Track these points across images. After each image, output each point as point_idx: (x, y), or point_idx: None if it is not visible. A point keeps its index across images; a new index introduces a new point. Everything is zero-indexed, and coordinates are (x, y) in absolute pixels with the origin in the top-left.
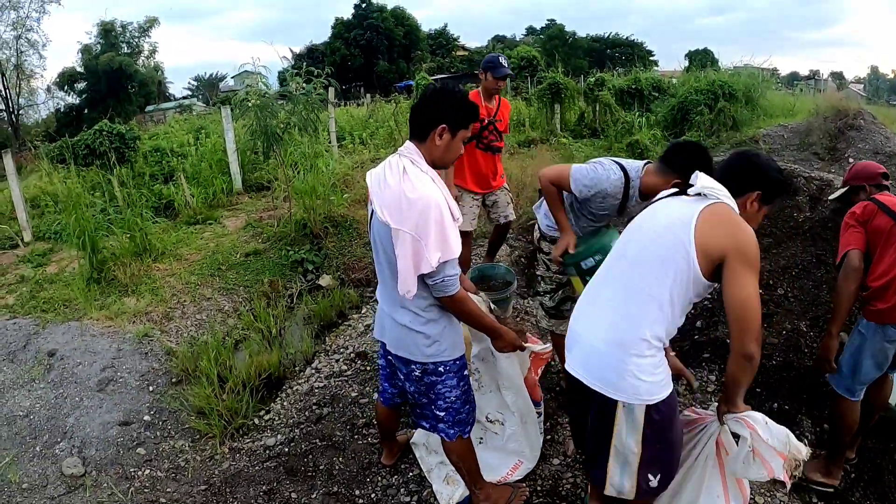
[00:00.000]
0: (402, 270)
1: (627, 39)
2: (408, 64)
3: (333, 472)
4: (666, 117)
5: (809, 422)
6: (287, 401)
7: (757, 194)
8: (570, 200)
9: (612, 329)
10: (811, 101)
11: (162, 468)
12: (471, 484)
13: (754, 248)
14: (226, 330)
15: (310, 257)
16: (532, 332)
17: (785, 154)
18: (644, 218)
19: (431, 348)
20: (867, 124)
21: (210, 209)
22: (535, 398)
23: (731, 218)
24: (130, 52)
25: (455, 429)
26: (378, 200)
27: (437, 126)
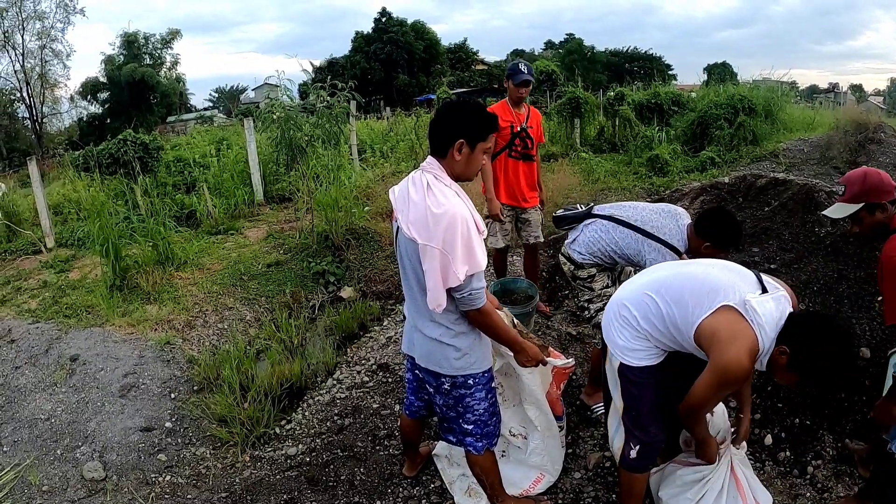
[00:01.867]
0: (431, 285)
1: (646, 53)
2: (427, 77)
3: (355, 482)
4: (685, 132)
5: (831, 437)
6: (308, 411)
7: (460, 143)
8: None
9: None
10: (831, 115)
11: (183, 475)
12: (493, 497)
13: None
14: (247, 339)
15: (331, 269)
16: (554, 346)
17: (805, 169)
18: (706, 269)
19: (461, 361)
20: (888, 137)
21: (232, 220)
22: (557, 413)
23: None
24: (153, 63)
25: (483, 441)
26: (403, 217)
27: (456, 141)
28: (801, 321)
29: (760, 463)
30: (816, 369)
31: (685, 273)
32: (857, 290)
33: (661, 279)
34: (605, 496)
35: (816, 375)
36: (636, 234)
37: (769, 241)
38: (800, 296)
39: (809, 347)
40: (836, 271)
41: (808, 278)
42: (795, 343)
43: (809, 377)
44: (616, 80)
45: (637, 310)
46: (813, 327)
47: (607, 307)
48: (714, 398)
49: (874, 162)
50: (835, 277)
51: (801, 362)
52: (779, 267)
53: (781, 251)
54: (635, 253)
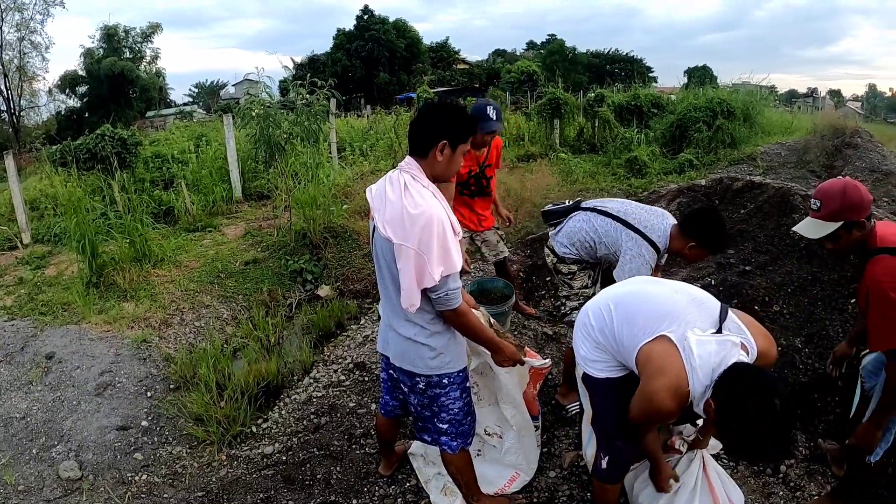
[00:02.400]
0: (405, 285)
1: (627, 55)
2: (409, 76)
3: (331, 481)
4: (664, 134)
5: (803, 437)
6: (285, 409)
7: (443, 143)
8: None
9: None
10: (809, 119)
11: (159, 474)
12: (468, 495)
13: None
14: (224, 338)
15: (309, 267)
16: (530, 346)
17: (782, 172)
18: (670, 293)
19: (436, 360)
20: (864, 142)
21: (210, 216)
22: (533, 412)
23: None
24: (132, 57)
25: (458, 441)
26: (380, 216)
27: (439, 142)
28: (736, 376)
29: (734, 462)
30: (733, 434)
31: (648, 293)
32: (830, 293)
33: (623, 294)
34: (580, 495)
35: (731, 440)
36: (616, 223)
37: (745, 244)
38: (774, 297)
39: (732, 409)
40: (810, 273)
41: (783, 280)
42: (721, 398)
43: (725, 438)
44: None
45: (596, 321)
46: (744, 387)
47: (579, 313)
48: (644, 423)
49: (850, 166)
50: (809, 280)
51: (722, 420)
52: (753, 269)
53: (756, 253)
54: (613, 241)
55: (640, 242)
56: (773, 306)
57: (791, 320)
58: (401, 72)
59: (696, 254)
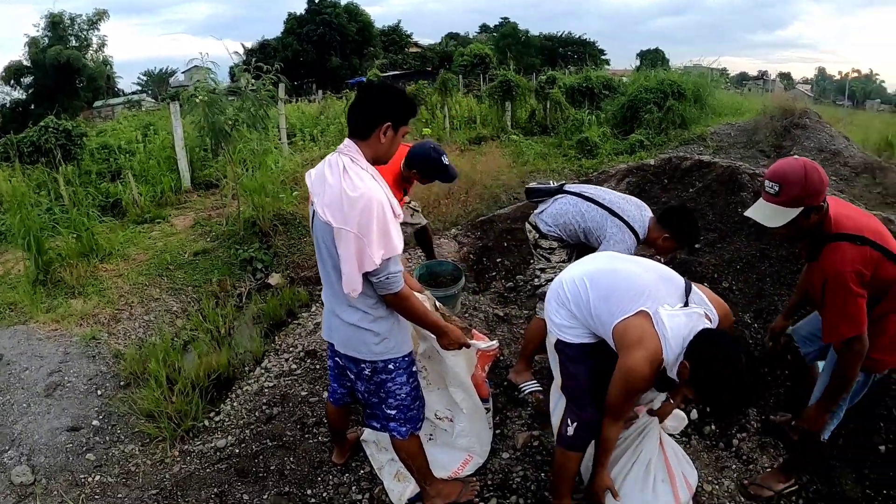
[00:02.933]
0: (346, 270)
1: (580, 38)
2: (360, 60)
3: (285, 472)
4: (615, 115)
5: (755, 411)
6: (237, 401)
7: (387, 125)
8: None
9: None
10: (759, 101)
11: (112, 473)
12: (421, 481)
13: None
14: (174, 331)
15: (259, 256)
16: (481, 328)
17: (732, 152)
18: (642, 271)
19: (380, 346)
20: (812, 123)
21: (158, 208)
22: (483, 395)
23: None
24: (79, 45)
25: (407, 426)
26: (319, 200)
27: (383, 124)
28: (706, 340)
29: (686, 437)
30: (709, 388)
31: (621, 270)
32: (778, 269)
33: (598, 270)
34: (534, 475)
35: (708, 394)
36: (602, 210)
37: None
38: (723, 274)
39: (706, 367)
40: (758, 250)
41: (732, 257)
42: (695, 360)
43: (702, 394)
44: (550, 65)
45: (571, 294)
46: (714, 348)
47: (550, 285)
48: (624, 400)
49: (799, 146)
50: (757, 256)
51: (698, 379)
52: (703, 246)
53: (705, 231)
54: (598, 227)
55: (623, 230)
56: (722, 283)
57: (740, 296)
58: (353, 56)
59: (668, 246)
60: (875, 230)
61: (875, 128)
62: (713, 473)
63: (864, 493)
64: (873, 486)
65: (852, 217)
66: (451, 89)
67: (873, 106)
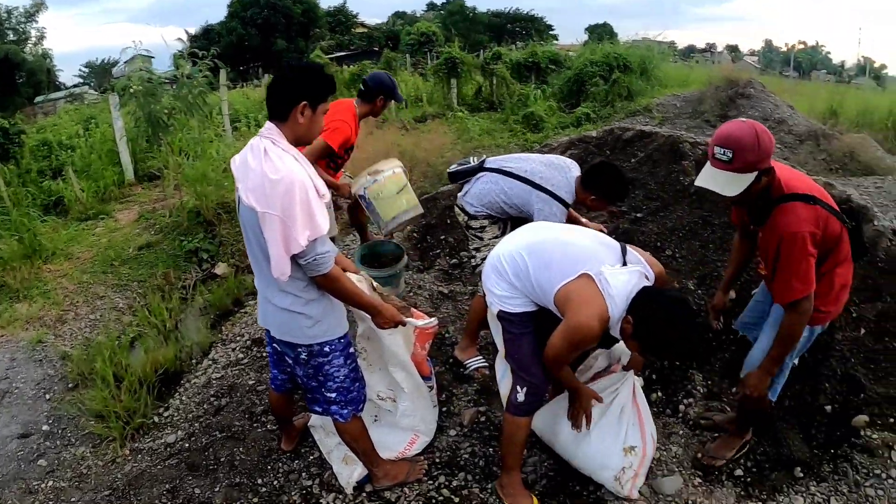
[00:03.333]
0: (274, 254)
1: (528, 14)
2: (306, 42)
3: (235, 463)
4: (562, 89)
5: (700, 376)
6: (185, 395)
7: (303, 105)
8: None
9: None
10: (706, 73)
11: (65, 478)
12: (368, 463)
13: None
14: (121, 328)
15: (204, 245)
16: (426, 306)
17: (678, 122)
18: (580, 238)
19: (315, 329)
20: (757, 93)
21: (102, 203)
22: (425, 373)
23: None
24: (17, 39)
25: (348, 408)
26: (242, 185)
27: (299, 103)
28: (648, 296)
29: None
30: (653, 341)
31: (558, 240)
32: (721, 235)
33: (535, 242)
34: (482, 451)
35: (653, 347)
36: (525, 185)
37: (636, 192)
38: (666, 242)
39: (650, 321)
40: (700, 217)
41: (674, 225)
42: (639, 315)
43: (648, 347)
44: (497, 41)
45: (510, 266)
46: (656, 303)
47: (487, 259)
48: (566, 355)
49: (744, 115)
50: (700, 223)
51: (642, 333)
52: (645, 216)
53: (648, 200)
54: (524, 203)
55: (550, 202)
56: (665, 251)
57: (683, 263)
58: (298, 38)
59: (598, 205)
60: (819, 190)
61: (820, 97)
62: (661, 440)
63: (811, 452)
64: (820, 445)
65: (798, 177)
66: (395, 68)
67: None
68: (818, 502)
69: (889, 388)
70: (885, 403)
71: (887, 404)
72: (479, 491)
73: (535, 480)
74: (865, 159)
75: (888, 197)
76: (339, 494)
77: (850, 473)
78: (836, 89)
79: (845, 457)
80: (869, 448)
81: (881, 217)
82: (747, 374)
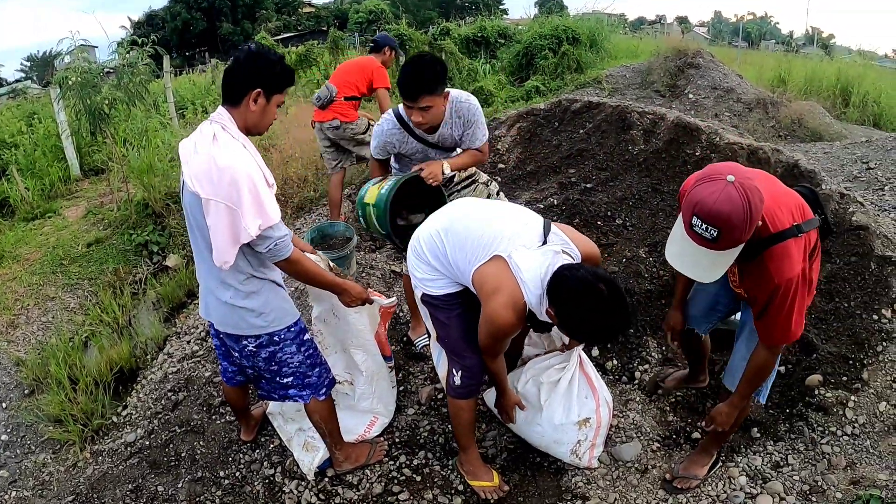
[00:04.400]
0: (217, 242)
1: None
2: (253, 24)
3: (196, 457)
4: (511, 63)
5: (654, 342)
6: (143, 392)
7: (257, 92)
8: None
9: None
10: (654, 44)
11: (28, 487)
12: (332, 445)
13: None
14: (73, 329)
15: (154, 238)
16: (378, 286)
17: (627, 93)
18: (497, 216)
19: (259, 320)
20: (706, 62)
21: (48, 201)
22: (386, 353)
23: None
24: None
25: (306, 391)
26: (188, 170)
27: (252, 90)
28: (559, 277)
29: None
30: (573, 325)
31: (476, 219)
32: (670, 202)
33: (451, 221)
34: (441, 427)
35: (574, 330)
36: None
37: (585, 162)
38: (616, 211)
39: (564, 304)
40: (650, 186)
41: (624, 194)
42: (556, 302)
43: (570, 332)
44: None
45: (428, 248)
46: (568, 284)
47: (410, 240)
48: (493, 345)
49: (693, 85)
50: (649, 192)
51: (563, 321)
52: (595, 186)
53: (597, 170)
54: (379, 147)
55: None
56: (615, 220)
57: (634, 232)
58: (244, 21)
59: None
60: (796, 204)
61: (769, 66)
62: (619, 407)
63: (766, 412)
64: (775, 406)
65: (774, 199)
66: (342, 48)
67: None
68: (776, 461)
69: (840, 347)
70: (836, 362)
71: (839, 363)
72: (440, 468)
73: (495, 454)
74: (813, 125)
75: (836, 162)
76: (302, 481)
77: (807, 432)
78: (785, 58)
79: (801, 416)
80: (823, 406)
81: (829, 181)
82: (716, 410)
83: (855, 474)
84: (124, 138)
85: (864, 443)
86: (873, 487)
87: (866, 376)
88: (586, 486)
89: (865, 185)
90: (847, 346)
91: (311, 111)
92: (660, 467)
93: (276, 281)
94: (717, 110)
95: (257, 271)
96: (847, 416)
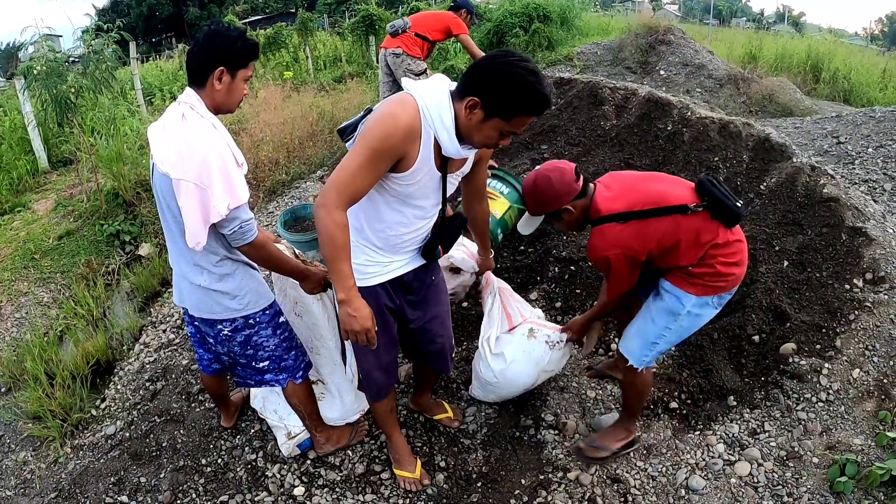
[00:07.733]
0: (189, 223)
1: None
2: (220, 8)
3: (177, 446)
4: (482, 41)
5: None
6: (120, 383)
7: (220, 70)
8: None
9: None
10: (625, 21)
11: (10, 486)
12: (311, 427)
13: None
14: (48, 323)
15: (125, 228)
16: None
17: (599, 70)
18: None
19: (233, 303)
20: (677, 39)
21: (17, 195)
22: None
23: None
24: None
25: (283, 375)
26: (158, 151)
27: (216, 69)
28: (474, 66)
29: None
30: (511, 97)
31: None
32: None
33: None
34: None
35: (513, 103)
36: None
37: (557, 138)
38: None
39: (492, 78)
40: (622, 160)
41: (597, 169)
42: (478, 85)
43: (509, 108)
44: None
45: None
46: (487, 60)
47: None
48: (358, 171)
49: (664, 61)
50: (622, 166)
51: (493, 97)
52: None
53: (570, 146)
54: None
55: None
56: None
57: None
58: (211, 5)
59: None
60: (655, 197)
61: (739, 42)
62: (596, 380)
63: (742, 381)
64: (751, 374)
65: (625, 190)
66: (311, 29)
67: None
68: (753, 428)
69: (813, 315)
70: (810, 330)
71: (812, 331)
72: (421, 445)
73: (475, 430)
74: (784, 101)
75: (807, 136)
76: (284, 464)
77: (782, 399)
78: (756, 35)
79: (776, 383)
80: (798, 374)
81: (799, 154)
82: (572, 321)
83: (831, 440)
84: (92, 127)
85: (839, 409)
86: (849, 452)
87: (839, 344)
88: (567, 458)
89: (836, 159)
90: (820, 314)
91: (279, 94)
92: (640, 437)
93: (250, 263)
94: (688, 86)
95: (232, 253)
96: (821, 383)
